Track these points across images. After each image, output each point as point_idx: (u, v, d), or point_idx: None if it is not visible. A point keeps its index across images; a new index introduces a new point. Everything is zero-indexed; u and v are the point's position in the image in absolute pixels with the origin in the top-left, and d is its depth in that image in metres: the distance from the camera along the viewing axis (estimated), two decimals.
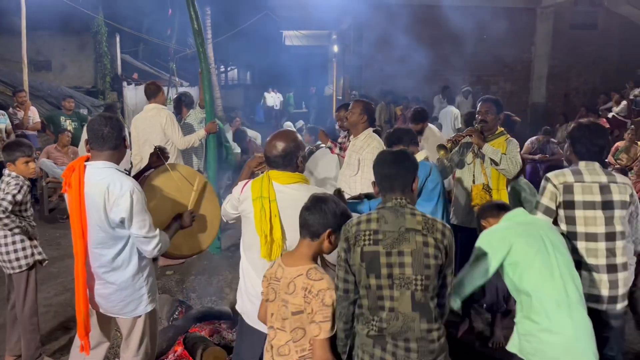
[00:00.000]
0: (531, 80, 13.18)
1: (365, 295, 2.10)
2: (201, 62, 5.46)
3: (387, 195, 2.18)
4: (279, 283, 2.20)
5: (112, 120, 2.67)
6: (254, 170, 2.96)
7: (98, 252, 2.65)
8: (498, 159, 3.75)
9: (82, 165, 2.61)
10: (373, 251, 2.06)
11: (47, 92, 11.39)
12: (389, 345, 2.05)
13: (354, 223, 2.14)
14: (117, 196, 2.51)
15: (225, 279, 5.11)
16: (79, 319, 2.68)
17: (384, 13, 12.31)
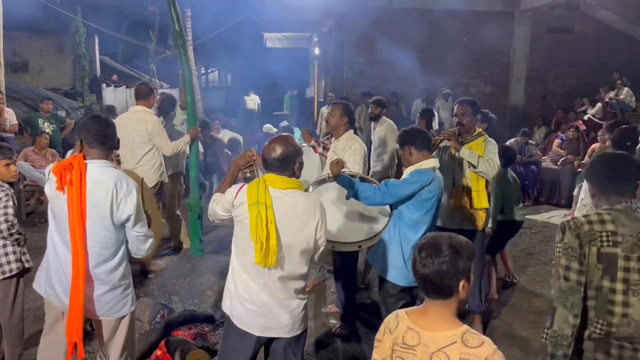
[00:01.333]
0: (510, 82, 13.38)
1: (593, 297, 2.06)
2: (183, 64, 5.44)
3: (614, 197, 2.13)
4: (415, 353, 1.73)
5: (109, 120, 2.74)
6: (242, 169, 2.93)
7: (98, 252, 2.62)
8: (475, 162, 3.80)
9: (83, 163, 2.57)
10: (611, 253, 2.02)
11: (24, 94, 11.20)
12: (612, 349, 2.03)
13: (585, 221, 2.09)
14: (124, 194, 2.56)
15: (208, 281, 5.08)
16: (73, 320, 2.59)
17: (365, 16, 12.38)
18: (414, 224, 3.22)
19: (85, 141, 2.64)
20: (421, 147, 3.27)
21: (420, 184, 3.14)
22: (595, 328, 2.05)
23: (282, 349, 2.63)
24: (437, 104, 11.54)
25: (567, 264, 2.07)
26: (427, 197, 3.16)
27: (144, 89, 5.35)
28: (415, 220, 3.22)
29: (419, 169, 3.22)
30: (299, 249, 2.51)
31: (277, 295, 2.52)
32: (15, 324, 3.47)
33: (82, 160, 2.58)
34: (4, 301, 3.45)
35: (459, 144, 3.89)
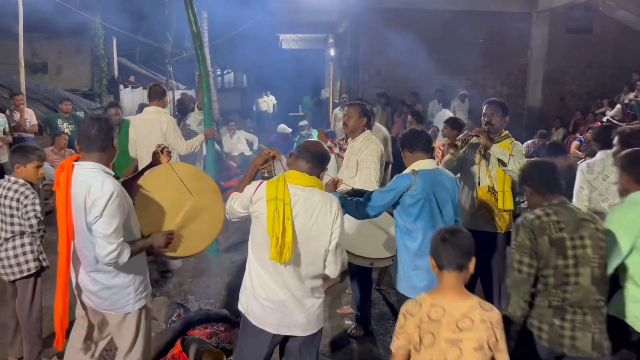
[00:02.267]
0: (527, 84, 13.25)
1: (552, 274, 2.49)
2: (199, 65, 5.47)
3: (549, 195, 2.62)
4: (440, 322, 2.07)
5: (100, 121, 2.67)
6: (260, 168, 2.95)
7: (83, 251, 2.67)
8: (506, 160, 3.73)
9: (71, 165, 2.63)
10: (560, 237, 2.48)
11: (43, 95, 11.36)
12: (567, 314, 2.48)
13: (534, 217, 2.53)
14: (96, 197, 2.51)
15: (223, 281, 5.11)
16: (56, 315, 2.72)
17: (380, 17, 12.36)
18: (408, 231, 3.11)
19: (78, 143, 2.69)
20: (413, 148, 3.16)
21: (396, 191, 3.05)
22: (553, 298, 2.51)
23: (297, 348, 2.64)
24: (453, 105, 11.46)
25: (520, 258, 2.52)
26: (410, 202, 3.03)
27: (157, 89, 5.43)
28: (409, 227, 3.10)
29: (401, 174, 3.14)
30: (315, 247, 2.53)
31: (293, 293, 2.54)
32: (34, 322, 3.53)
33: (70, 163, 2.63)
34: (22, 299, 3.51)
35: (490, 141, 3.83)
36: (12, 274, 3.46)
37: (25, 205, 3.38)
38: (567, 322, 2.48)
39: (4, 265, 3.45)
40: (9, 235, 3.44)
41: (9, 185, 3.42)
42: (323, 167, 2.66)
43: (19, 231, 3.45)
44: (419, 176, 3.04)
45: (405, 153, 3.23)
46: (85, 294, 2.78)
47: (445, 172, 3.28)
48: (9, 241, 3.44)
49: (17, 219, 3.41)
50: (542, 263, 2.50)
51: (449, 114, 10.13)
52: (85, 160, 2.64)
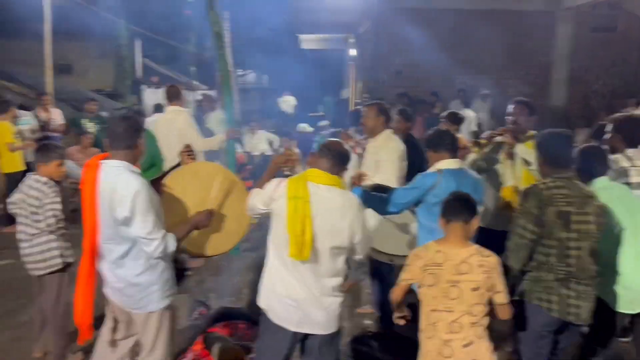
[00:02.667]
0: (550, 83, 13.04)
1: (554, 246, 2.65)
2: (221, 65, 5.53)
3: (559, 168, 2.73)
4: (442, 267, 2.44)
5: (128, 120, 2.72)
6: (281, 167, 2.98)
7: (108, 248, 2.71)
8: (531, 159, 3.70)
9: (97, 163, 2.68)
10: (567, 211, 2.62)
11: (69, 95, 11.59)
12: (572, 284, 2.64)
13: (545, 187, 2.68)
14: (122, 195, 2.55)
15: (244, 279, 5.15)
16: (76, 311, 2.77)
17: (401, 16, 12.31)
18: (431, 231, 3.08)
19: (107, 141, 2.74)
20: (437, 148, 3.17)
21: (420, 190, 3.06)
22: (558, 272, 2.66)
23: (317, 347, 2.66)
24: (475, 104, 11.36)
25: (524, 224, 2.67)
26: (434, 202, 3.00)
27: (172, 90, 5.63)
28: (432, 227, 3.05)
29: (425, 172, 3.16)
30: (334, 245, 2.54)
31: (312, 291, 2.55)
32: (60, 317, 3.60)
33: (97, 162, 2.68)
34: (48, 295, 3.59)
35: (515, 139, 3.80)
36: (39, 270, 3.55)
37: (45, 204, 3.47)
38: (572, 291, 2.67)
39: (31, 260, 3.54)
40: (36, 231, 3.53)
41: (32, 183, 3.52)
42: (344, 167, 2.67)
43: (43, 230, 3.53)
44: (444, 175, 3.04)
45: (429, 153, 3.24)
46: (113, 292, 2.82)
47: (471, 172, 3.28)
48: (35, 237, 3.53)
49: (40, 217, 3.50)
50: (545, 232, 2.64)
51: (471, 114, 10.06)
52: (113, 158, 2.69)
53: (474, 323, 2.42)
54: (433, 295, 2.45)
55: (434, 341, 2.46)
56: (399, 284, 2.59)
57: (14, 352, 3.90)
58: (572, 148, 2.90)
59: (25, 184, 3.56)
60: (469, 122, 9.74)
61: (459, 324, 2.42)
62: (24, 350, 3.89)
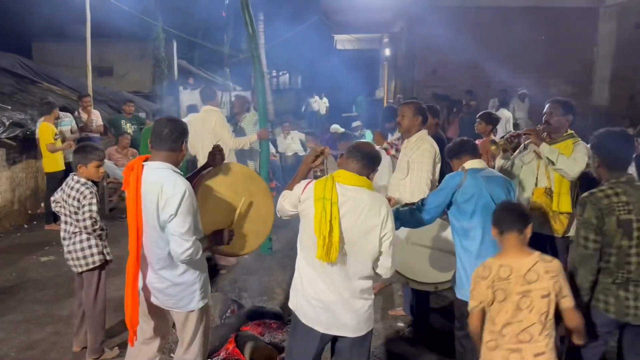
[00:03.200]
0: (593, 82, 12.64)
1: (614, 253, 2.61)
2: (255, 67, 5.57)
3: (617, 172, 2.66)
4: (510, 280, 2.40)
5: (174, 122, 2.75)
6: (311, 165, 2.96)
7: (153, 249, 2.73)
8: (554, 159, 3.59)
9: (140, 165, 2.70)
10: (628, 219, 2.57)
11: (109, 97, 11.89)
12: (630, 287, 2.63)
13: (603, 196, 2.61)
14: (169, 196, 2.58)
15: (276, 279, 5.17)
16: (127, 312, 2.78)
17: (437, 15, 12.14)
18: (465, 231, 3.05)
19: (150, 142, 2.77)
20: (460, 155, 3.18)
21: (448, 190, 3.03)
22: (617, 276, 2.63)
23: (348, 349, 2.63)
24: (513, 104, 11.11)
25: (586, 235, 2.62)
26: (463, 200, 2.99)
27: (208, 91, 5.88)
28: (466, 227, 3.04)
29: (451, 173, 3.14)
30: (363, 247, 2.50)
31: (341, 294, 2.52)
32: (98, 313, 3.70)
33: (140, 163, 2.70)
34: (87, 291, 3.69)
35: (540, 139, 3.71)
36: (79, 266, 3.65)
37: (83, 205, 3.55)
38: (630, 294, 2.64)
39: (73, 257, 3.65)
40: (77, 230, 3.63)
41: (72, 184, 3.61)
42: (373, 168, 2.63)
43: (83, 226, 3.63)
44: (469, 173, 3.03)
45: (453, 163, 3.23)
46: (152, 292, 2.84)
47: (496, 172, 3.26)
48: (76, 235, 3.63)
49: (81, 216, 3.59)
50: (605, 241, 2.60)
51: (507, 113, 9.84)
52: (155, 159, 2.71)
53: (543, 332, 2.39)
54: (505, 310, 2.41)
55: (501, 352, 2.43)
56: (472, 312, 2.52)
57: (54, 346, 4.01)
58: (632, 149, 2.78)
59: (67, 184, 3.66)
60: (505, 122, 9.53)
61: (529, 334, 2.39)
62: (63, 344, 4.01)
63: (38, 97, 8.93)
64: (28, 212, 7.81)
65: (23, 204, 7.77)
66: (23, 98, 8.57)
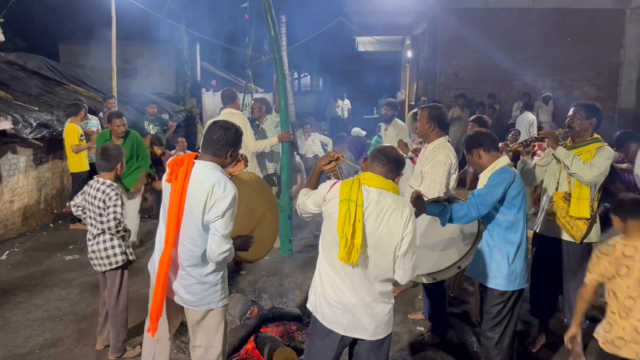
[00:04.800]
0: (619, 85, 12.40)
1: None
2: (277, 69, 5.59)
3: None
4: (634, 258, 2.67)
5: (224, 130, 2.78)
6: (324, 169, 2.97)
7: (188, 246, 2.76)
8: (569, 163, 3.54)
9: (192, 161, 2.73)
10: None
11: (133, 98, 12.06)
12: None
13: None
14: (219, 197, 2.63)
15: (296, 280, 5.18)
16: (154, 303, 2.80)
17: (460, 16, 12.07)
18: (510, 225, 3.18)
19: None
20: (489, 148, 3.28)
21: (506, 183, 3.10)
22: None
23: (366, 352, 2.62)
24: (537, 107, 10.96)
25: None
26: (514, 194, 3.12)
27: (228, 93, 5.85)
28: (512, 220, 3.17)
29: (498, 169, 3.18)
30: (385, 250, 2.49)
31: (362, 297, 2.52)
32: (120, 312, 3.76)
33: (192, 159, 2.74)
34: (110, 290, 3.75)
35: (556, 142, 3.68)
36: (102, 266, 3.72)
37: (108, 207, 3.61)
38: None
39: (96, 257, 3.71)
40: (99, 231, 3.69)
41: (97, 185, 3.68)
42: (398, 172, 2.63)
43: (107, 227, 3.69)
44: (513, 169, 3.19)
45: (480, 153, 3.29)
46: (175, 289, 2.86)
47: None
48: (100, 235, 3.69)
49: (105, 218, 3.65)
50: None
51: (531, 116, 9.71)
52: (205, 159, 2.77)
53: None
54: (627, 285, 2.68)
55: (630, 321, 2.69)
56: (589, 284, 2.81)
57: (78, 344, 4.09)
58: None
59: (90, 186, 3.72)
60: (529, 125, 9.40)
61: None
62: (87, 342, 4.08)
63: (64, 99, 9.10)
64: (54, 211, 7.98)
65: (49, 204, 7.94)
66: (50, 99, 8.74)
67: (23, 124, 7.00)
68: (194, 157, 2.77)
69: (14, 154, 7.16)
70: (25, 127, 7.02)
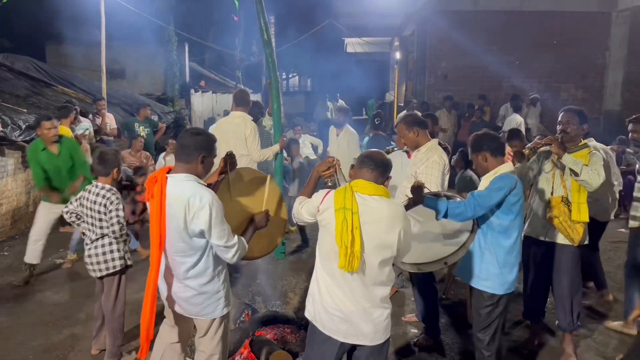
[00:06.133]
0: (605, 87, 12.58)
1: None
2: (270, 72, 5.60)
3: None
4: None
5: (199, 135, 2.77)
6: (322, 175, 2.99)
7: (178, 260, 2.77)
8: (578, 170, 3.58)
9: (164, 176, 2.72)
10: None
11: (122, 100, 11.98)
12: None
13: None
14: (197, 209, 2.61)
15: (289, 283, 5.19)
16: (143, 325, 2.79)
17: (448, 19, 12.17)
18: (504, 230, 3.20)
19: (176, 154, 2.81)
20: (496, 152, 3.27)
21: (507, 189, 3.10)
22: None
23: (365, 358, 2.65)
24: (524, 109, 11.07)
25: None
26: (514, 201, 3.13)
27: (243, 96, 5.50)
28: (507, 225, 3.18)
29: (500, 174, 3.19)
30: (383, 256, 2.53)
31: (361, 304, 2.54)
32: (117, 317, 3.76)
33: (164, 174, 2.72)
34: (107, 294, 3.74)
35: (561, 149, 3.68)
36: (99, 271, 3.71)
37: (110, 210, 3.61)
38: None
39: (92, 262, 3.70)
40: (97, 236, 3.68)
41: (97, 190, 3.67)
42: (387, 176, 2.66)
43: (106, 233, 3.68)
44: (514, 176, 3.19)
45: (487, 156, 3.27)
46: (176, 302, 2.87)
47: None
48: (98, 240, 3.69)
49: (106, 222, 3.65)
50: None
51: (519, 118, 9.81)
52: (178, 171, 2.74)
53: None
54: None
55: None
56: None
57: (72, 349, 4.07)
58: None
59: (90, 192, 3.71)
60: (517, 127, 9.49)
61: None
62: (81, 347, 4.07)
63: (53, 100, 9.03)
64: None
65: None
66: (38, 101, 8.67)
67: (12, 126, 6.93)
68: (166, 172, 2.74)
69: (2, 157, 7.09)
70: (14, 129, 6.95)
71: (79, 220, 3.79)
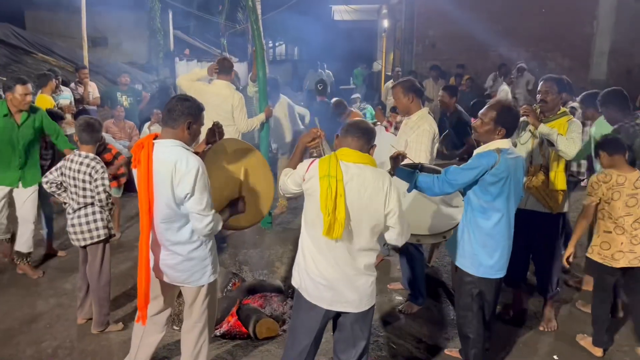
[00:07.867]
0: (591, 56, 12.59)
1: None
2: (255, 40, 5.51)
3: None
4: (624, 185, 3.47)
5: (187, 101, 2.75)
6: (307, 145, 2.99)
7: (165, 227, 2.76)
8: (554, 139, 3.63)
9: (151, 142, 2.70)
10: None
11: (104, 68, 11.75)
12: None
13: None
14: (183, 173, 2.60)
15: (276, 253, 5.23)
16: (140, 292, 2.81)
17: None
18: (483, 210, 3.05)
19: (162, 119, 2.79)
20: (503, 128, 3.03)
21: (480, 169, 2.94)
22: None
23: (350, 324, 2.69)
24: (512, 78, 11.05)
25: None
26: (491, 181, 2.94)
27: (226, 64, 5.35)
28: (485, 206, 3.03)
29: (482, 152, 3.04)
30: (368, 223, 2.54)
31: (345, 271, 2.57)
32: (103, 286, 3.76)
33: (151, 141, 2.71)
34: (92, 264, 3.74)
35: (537, 120, 3.72)
36: (83, 240, 3.69)
37: (96, 179, 3.58)
38: None
39: (76, 231, 3.68)
40: (79, 205, 3.66)
41: (80, 159, 3.62)
42: (372, 144, 2.65)
43: (89, 202, 3.66)
44: (502, 154, 2.96)
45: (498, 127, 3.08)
46: (163, 270, 2.87)
47: (518, 152, 3.29)
48: (81, 209, 3.66)
49: (90, 192, 3.63)
50: None
51: (507, 88, 9.81)
52: (165, 137, 2.72)
53: None
54: (618, 206, 3.48)
55: (625, 235, 3.50)
56: (588, 204, 3.57)
57: (59, 319, 4.08)
58: None
59: (72, 161, 3.66)
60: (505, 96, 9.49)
61: (638, 223, 3.49)
62: (68, 317, 4.07)
63: (33, 69, 8.84)
64: None
65: None
66: (18, 69, 8.49)
67: None
68: (153, 138, 2.73)
69: None
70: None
71: (59, 190, 3.75)
